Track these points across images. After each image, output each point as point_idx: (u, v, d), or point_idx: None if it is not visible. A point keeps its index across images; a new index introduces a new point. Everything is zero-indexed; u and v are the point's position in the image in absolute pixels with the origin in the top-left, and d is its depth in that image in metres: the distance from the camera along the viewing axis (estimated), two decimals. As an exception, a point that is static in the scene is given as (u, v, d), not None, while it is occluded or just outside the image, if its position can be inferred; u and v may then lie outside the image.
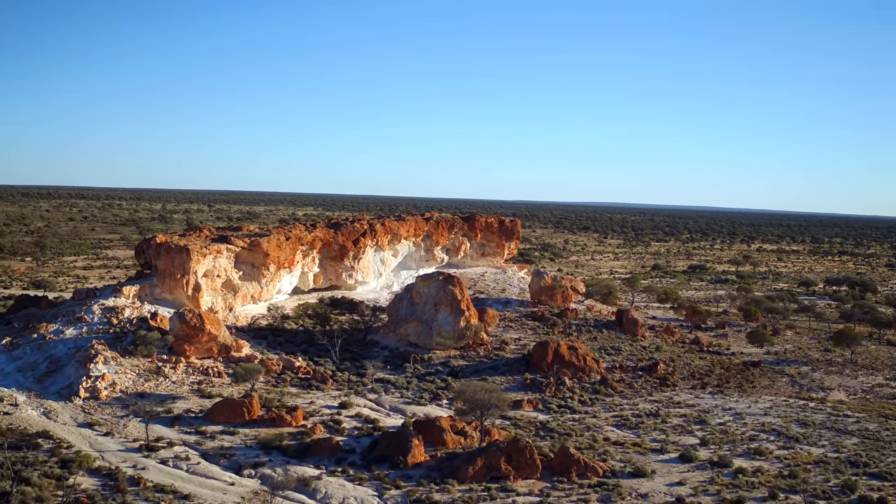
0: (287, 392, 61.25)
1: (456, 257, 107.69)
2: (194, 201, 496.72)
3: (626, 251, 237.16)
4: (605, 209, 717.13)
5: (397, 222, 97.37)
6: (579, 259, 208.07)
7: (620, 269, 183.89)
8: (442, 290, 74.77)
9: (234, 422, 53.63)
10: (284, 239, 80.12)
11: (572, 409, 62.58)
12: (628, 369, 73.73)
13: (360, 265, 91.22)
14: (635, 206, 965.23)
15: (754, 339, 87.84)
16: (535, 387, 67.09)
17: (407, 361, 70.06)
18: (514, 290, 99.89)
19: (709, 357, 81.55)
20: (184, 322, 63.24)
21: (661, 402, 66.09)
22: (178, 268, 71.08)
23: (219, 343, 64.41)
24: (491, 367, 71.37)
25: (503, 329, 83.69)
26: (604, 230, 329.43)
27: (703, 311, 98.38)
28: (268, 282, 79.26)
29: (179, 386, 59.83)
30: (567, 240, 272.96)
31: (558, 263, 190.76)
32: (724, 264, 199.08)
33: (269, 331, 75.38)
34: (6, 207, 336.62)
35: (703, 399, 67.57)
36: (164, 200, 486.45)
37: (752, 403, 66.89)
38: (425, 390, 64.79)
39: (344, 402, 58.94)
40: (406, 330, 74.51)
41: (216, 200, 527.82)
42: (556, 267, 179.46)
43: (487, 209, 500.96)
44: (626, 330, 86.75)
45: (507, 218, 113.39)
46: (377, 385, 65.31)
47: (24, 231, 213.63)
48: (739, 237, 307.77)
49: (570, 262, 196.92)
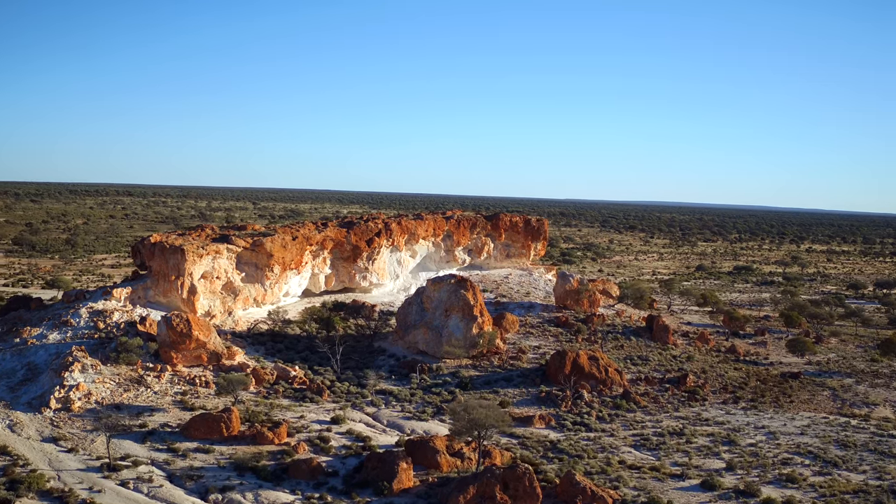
0: (277, 404, 56.77)
1: (479, 258, 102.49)
2: (240, 199, 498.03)
3: (672, 251, 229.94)
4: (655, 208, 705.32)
5: (415, 221, 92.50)
6: (622, 259, 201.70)
7: (663, 270, 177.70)
8: (454, 294, 69.75)
9: (211, 438, 49.30)
10: (290, 239, 75.72)
11: (588, 427, 57.18)
12: (654, 381, 68.07)
13: (374, 266, 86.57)
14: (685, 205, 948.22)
15: (794, 348, 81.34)
16: (550, 401, 61.82)
17: (413, 371, 65.23)
18: (539, 293, 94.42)
19: (744, 367, 75.47)
20: (170, 327, 59.18)
21: (687, 418, 60.37)
22: (172, 269, 67.12)
23: (208, 350, 60.24)
24: (504, 379, 66.21)
25: (523, 336, 78.44)
26: (650, 229, 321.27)
27: (740, 317, 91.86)
28: (272, 284, 74.97)
29: (161, 397, 55.71)
30: (612, 239, 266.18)
31: (600, 264, 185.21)
32: (771, 265, 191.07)
33: (270, 336, 70.97)
34: (50, 205, 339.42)
35: (735, 415, 61.69)
36: (210, 198, 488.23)
37: (788, 421, 60.87)
38: (429, 403, 59.89)
39: (336, 417, 54.30)
40: (415, 337, 69.65)
41: (262, 198, 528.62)
42: (598, 267, 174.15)
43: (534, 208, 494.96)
44: (656, 337, 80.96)
45: (534, 217, 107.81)
46: (378, 397, 60.55)
47: (61, 228, 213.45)
48: (789, 237, 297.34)
49: (612, 263, 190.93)
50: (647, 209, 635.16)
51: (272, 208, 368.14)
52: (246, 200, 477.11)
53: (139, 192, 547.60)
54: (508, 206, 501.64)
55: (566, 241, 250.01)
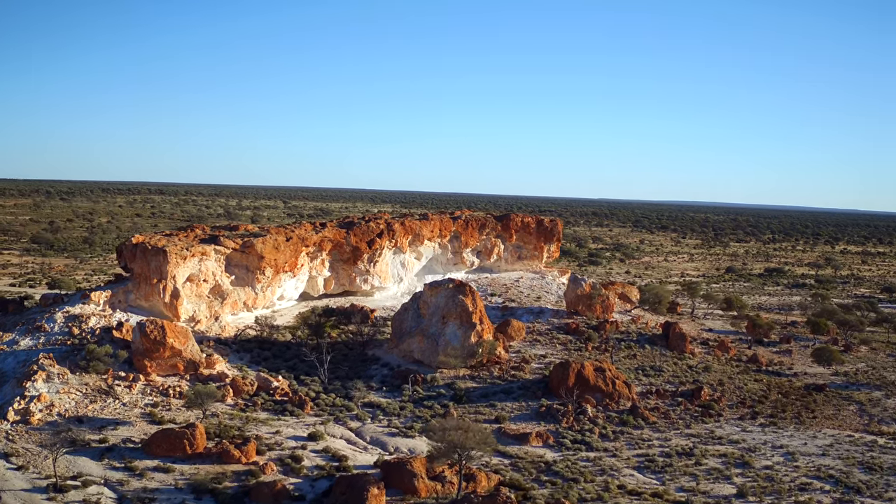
0: (254, 418, 53.01)
1: (488, 261, 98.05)
2: (272, 198, 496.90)
3: (703, 252, 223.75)
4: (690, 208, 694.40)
5: (419, 222, 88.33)
6: (651, 260, 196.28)
7: (692, 272, 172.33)
8: (451, 300, 65.51)
9: (173, 456, 45.61)
10: (284, 240, 71.99)
11: (589, 446, 52.71)
12: (666, 395, 63.39)
13: (376, 269, 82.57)
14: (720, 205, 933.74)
15: (820, 358, 76.01)
16: (551, 416, 57.43)
17: (406, 382, 61.18)
18: (550, 297, 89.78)
19: (766, 379, 70.45)
20: (144, 334, 55.72)
21: (699, 436, 55.67)
22: (154, 272, 63.69)
23: (184, 359, 56.66)
24: (503, 391, 61.88)
25: (529, 344, 74.02)
26: (683, 230, 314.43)
27: (763, 324, 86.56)
28: (264, 287, 71.33)
29: (130, 409, 52.19)
30: (643, 239, 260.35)
31: (627, 265, 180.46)
32: (803, 267, 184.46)
33: (257, 343, 67.20)
34: (80, 203, 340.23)
35: (751, 433, 56.85)
36: (241, 197, 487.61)
37: (810, 439, 55.93)
38: (419, 418, 55.77)
39: (315, 433, 50.39)
40: (410, 345, 65.56)
41: (293, 197, 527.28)
42: (625, 269, 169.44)
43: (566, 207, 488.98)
44: (672, 346, 76.14)
45: (547, 217, 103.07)
46: (364, 411, 56.54)
47: (84, 227, 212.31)
48: (824, 238, 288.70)
49: (641, 264, 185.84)
50: (682, 209, 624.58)
51: (302, 207, 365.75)
52: (277, 199, 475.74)
53: (171, 190, 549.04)
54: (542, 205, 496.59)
55: (595, 241, 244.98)
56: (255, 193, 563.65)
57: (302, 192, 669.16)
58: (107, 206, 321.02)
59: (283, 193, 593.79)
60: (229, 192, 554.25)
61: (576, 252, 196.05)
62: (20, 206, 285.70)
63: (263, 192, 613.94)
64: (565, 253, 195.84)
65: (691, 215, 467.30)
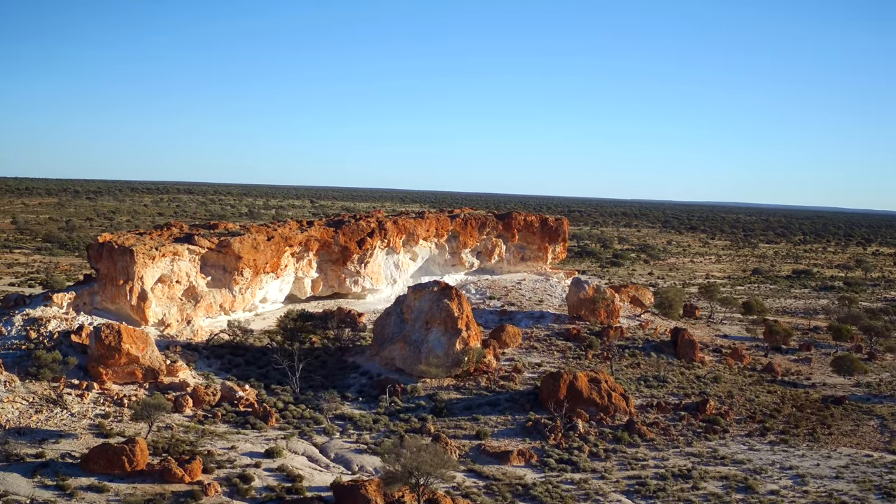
0: (211, 431, 48.98)
1: (489, 262, 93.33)
2: (300, 197, 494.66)
3: (731, 253, 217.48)
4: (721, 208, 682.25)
5: (414, 220, 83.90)
6: (676, 262, 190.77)
7: (718, 273, 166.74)
8: (435, 304, 61.02)
9: (112, 473, 41.60)
10: (265, 239, 68.02)
11: (576, 466, 47.98)
12: (668, 408, 58.45)
13: (367, 270, 78.35)
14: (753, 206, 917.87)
15: (840, 367, 70.52)
16: (538, 431, 52.81)
17: (384, 392, 56.86)
18: (553, 301, 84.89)
19: (780, 390, 65.29)
20: (98, 340, 51.96)
21: (700, 455, 50.74)
22: (120, 272, 59.97)
23: (142, 366, 52.79)
24: (489, 403, 57.27)
25: (525, 351, 69.36)
26: (712, 230, 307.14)
27: (780, 330, 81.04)
28: (242, 289, 67.41)
29: (79, 420, 48.40)
30: (671, 240, 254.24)
31: (651, 266, 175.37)
32: (833, 269, 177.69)
33: (230, 349, 63.24)
34: (105, 202, 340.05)
35: (759, 452, 51.82)
36: (269, 196, 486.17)
37: (823, 459, 50.81)
38: (393, 433, 51.37)
39: (273, 449, 46.21)
40: (391, 352, 61.16)
41: (322, 196, 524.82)
42: (649, 270, 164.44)
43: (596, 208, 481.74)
44: (680, 353, 71.16)
45: (552, 216, 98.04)
46: (334, 424, 52.29)
47: (103, 227, 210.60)
48: (856, 239, 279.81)
49: (665, 265, 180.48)
50: (714, 209, 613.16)
51: (329, 207, 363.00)
52: (305, 199, 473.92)
53: (200, 190, 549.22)
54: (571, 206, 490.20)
55: (621, 241, 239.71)
56: (284, 193, 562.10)
57: (332, 191, 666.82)
58: (131, 206, 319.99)
59: (313, 193, 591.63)
60: (258, 192, 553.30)
61: (599, 253, 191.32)
62: (45, 205, 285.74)
63: (294, 191, 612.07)
64: (588, 254, 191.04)
65: (722, 216, 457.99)
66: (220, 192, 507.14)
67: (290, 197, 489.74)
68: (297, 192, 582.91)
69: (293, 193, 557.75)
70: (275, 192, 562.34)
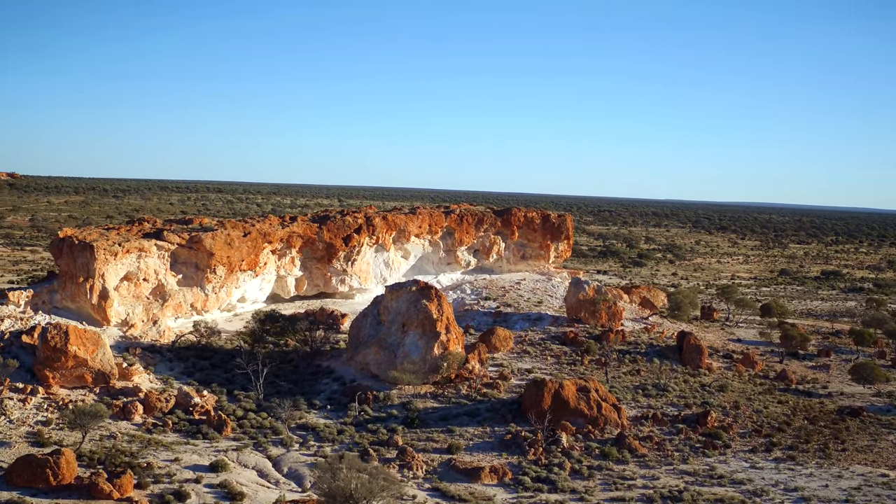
0: (157, 441, 45.20)
1: (487, 260, 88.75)
2: (330, 196, 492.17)
3: (760, 254, 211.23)
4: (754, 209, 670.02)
5: (405, 216, 79.65)
6: (702, 262, 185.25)
7: (744, 274, 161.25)
8: (413, 305, 56.73)
9: (35, 487, 37.93)
10: (240, 235, 64.29)
11: (554, 486, 43.45)
12: (665, 420, 53.72)
13: (354, 269, 74.34)
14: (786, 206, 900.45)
15: (859, 375, 65.19)
16: (516, 445, 48.40)
17: (353, 400, 52.77)
18: (554, 302, 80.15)
19: (792, 400, 60.22)
20: (44, 341, 48.48)
21: (695, 474, 45.99)
22: (80, 269, 56.49)
23: (92, 369, 49.17)
24: (468, 413, 52.89)
25: (516, 356, 64.88)
26: (742, 230, 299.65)
27: (797, 335, 75.75)
28: (216, 288, 63.72)
29: (17, 427, 44.88)
30: (699, 240, 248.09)
31: (676, 266, 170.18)
32: (863, 270, 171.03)
33: (196, 352, 59.46)
34: (130, 201, 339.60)
35: (762, 470, 46.98)
36: (299, 195, 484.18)
37: (833, 479, 45.85)
38: (357, 444, 47.32)
39: (218, 462, 42.29)
40: (366, 357, 56.96)
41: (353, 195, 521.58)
42: (672, 270, 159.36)
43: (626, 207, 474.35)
44: (686, 359, 66.29)
45: (554, 213, 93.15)
46: (294, 435, 48.28)
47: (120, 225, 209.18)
48: (889, 240, 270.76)
49: (691, 266, 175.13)
50: (746, 209, 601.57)
51: (356, 206, 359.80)
52: (334, 198, 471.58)
53: (230, 188, 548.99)
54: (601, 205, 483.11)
55: (648, 241, 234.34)
56: (314, 192, 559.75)
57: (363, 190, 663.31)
58: (157, 204, 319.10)
59: (343, 192, 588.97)
60: (288, 191, 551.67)
61: (623, 252, 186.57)
62: (70, 204, 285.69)
63: (325, 190, 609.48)
64: (612, 253, 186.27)
65: (754, 216, 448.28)
66: (249, 191, 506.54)
67: (319, 196, 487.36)
68: (329, 192, 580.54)
69: (323, 192, 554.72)
70: (305, 192, 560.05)
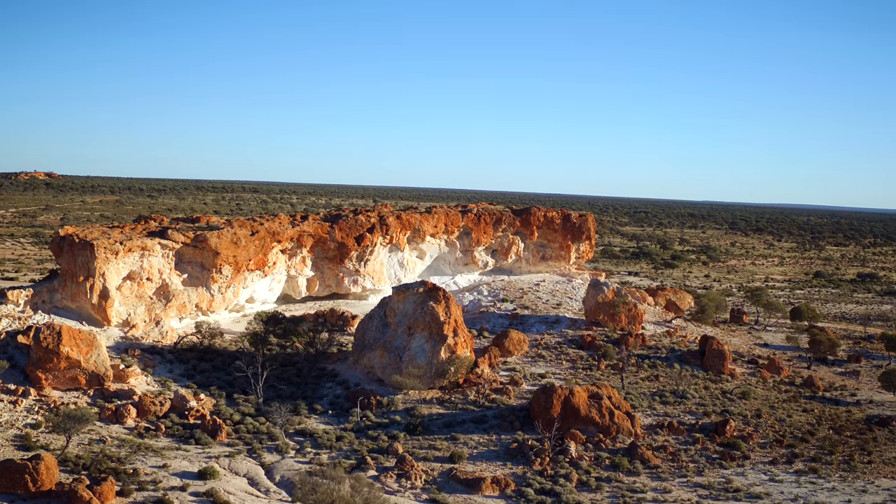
0: (148, 446, 43.70)
1: (506, 261, 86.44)
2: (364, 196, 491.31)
3: (796, 256, 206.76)
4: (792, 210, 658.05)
5: (420, 216, 77.73)
6: (737, 263, 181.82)
7: (779, 276, 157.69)
8: (420, 307, 54.78)
9: (14, 493, 36.57)
10: (248, 234, 62.85)
11: (558, 498, 41.23)
12: (682, 429, 51.24)
13: (367, 269, 72.60)
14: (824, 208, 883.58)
15: (889, 383, 62.03)
16: (522, 455, 46.29)
17: (356, 405, 50.93)
18: (573, 305, 77.68)
19: (818, 408, 57.40)
20: (37, 342, 47.29)
21: (710, 487, 43.52)
22: (80, 268, 55.36)
23: (86, 371, 47.91)
24: (474, 420, 50.82)
25: (530, 360, 62.65)
26: (779, 232, 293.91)
27: (825, 339, 72.61)
28: (222, 288, 62.31)
29: (5, 430, 43.63)
30: (735, 242, 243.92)
31: (709, 268, 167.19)
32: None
33: (197, 353, 57.98)
34: (164, 200, 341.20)
35: (781, 484, 44.38)
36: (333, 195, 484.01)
37: (857, 494, 43.16)
38: (355, 452, 45.52)
39: (207, 470, 40.66)
40: (371, 360, 55.17)
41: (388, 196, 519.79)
42: (705, 272, 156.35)
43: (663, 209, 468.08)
44: (708, 364, 63.67)
45: (575, 212, 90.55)
46: (291, 441, 46.63)
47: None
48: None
49: (724, 268, 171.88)
50: (783, 211, 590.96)
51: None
52: (368, 198, 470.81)
53: (266, 188, 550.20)
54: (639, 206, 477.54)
55: (683, 243, 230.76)
56: (350, 192, 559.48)
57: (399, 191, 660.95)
58: (191, 203, 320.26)
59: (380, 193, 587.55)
60: (323, 191, 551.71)
61: (657, 254, 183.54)
62: (104, 203, 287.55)
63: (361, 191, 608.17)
64: (645, 255, 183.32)
65: (792, 217, 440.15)
66: (286, 192, 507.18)
67: (354, 196, 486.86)
68: (365, 192, 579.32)
69: (359, 193, 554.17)
70: (341, 192, 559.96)
